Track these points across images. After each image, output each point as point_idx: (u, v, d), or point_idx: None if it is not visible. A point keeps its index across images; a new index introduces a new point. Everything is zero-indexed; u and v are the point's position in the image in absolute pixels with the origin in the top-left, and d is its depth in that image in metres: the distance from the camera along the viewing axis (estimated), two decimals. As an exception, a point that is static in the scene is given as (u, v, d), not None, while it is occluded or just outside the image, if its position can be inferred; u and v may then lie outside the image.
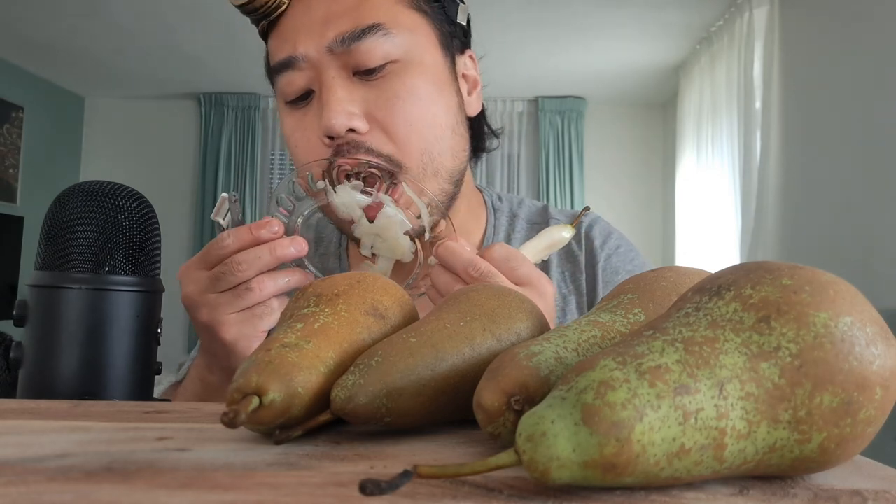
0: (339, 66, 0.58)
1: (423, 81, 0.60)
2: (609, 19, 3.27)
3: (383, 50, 0.58)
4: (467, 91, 0.68)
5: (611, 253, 0.72)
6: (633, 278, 0.34)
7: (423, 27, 0.62)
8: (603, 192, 4.62)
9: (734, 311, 0.22)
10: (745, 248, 2.79)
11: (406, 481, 0.19)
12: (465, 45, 0.68)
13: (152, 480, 0.22)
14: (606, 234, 0.74)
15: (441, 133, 0.61)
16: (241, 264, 0.49)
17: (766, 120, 2.70)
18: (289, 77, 0.60)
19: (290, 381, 0.27)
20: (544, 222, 0.75)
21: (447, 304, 0.33)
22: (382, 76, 0.59)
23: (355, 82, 0.59)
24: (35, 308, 0.40)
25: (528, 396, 0.25)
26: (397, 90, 0.59)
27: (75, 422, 0.30)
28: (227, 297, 0.50)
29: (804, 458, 0.22)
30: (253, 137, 4.73)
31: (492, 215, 0.75)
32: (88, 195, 0.42)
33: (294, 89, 0.61)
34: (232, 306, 0.50)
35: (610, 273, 0.71)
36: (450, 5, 0.65)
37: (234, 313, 0.50)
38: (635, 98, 4.55)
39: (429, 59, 0.61)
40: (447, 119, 0.62)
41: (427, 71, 0.61)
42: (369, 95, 0.59)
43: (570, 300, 0.71)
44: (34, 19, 3.48)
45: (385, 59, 0.58)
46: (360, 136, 0.58)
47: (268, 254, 0.49)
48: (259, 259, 0.49)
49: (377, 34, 0.58)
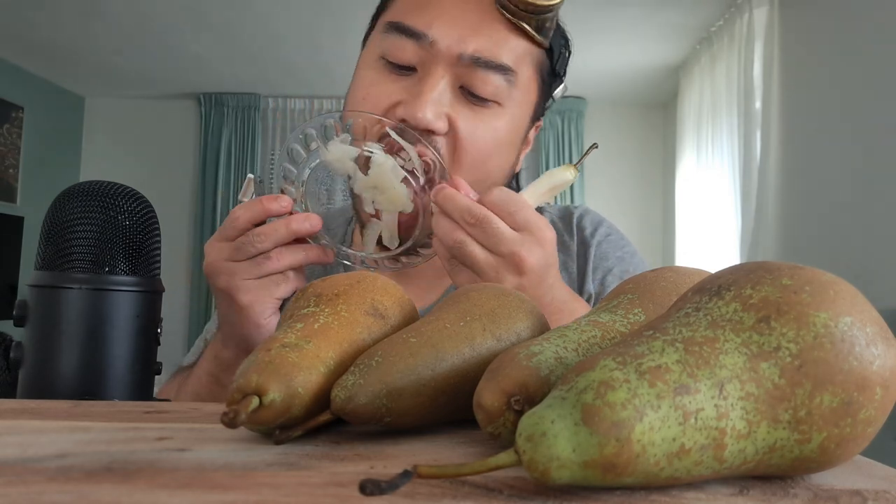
0: (455, 74, 0.60)
1: (506, 133, 0.63)
2: (609, 19, 3.27)
3: (499, 89, 0.61)
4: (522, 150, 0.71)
5: (601, 240, 0.74)
6: (633, 278, 0.34)
7: (532, 88, 0.65)
8: (603, 192, 4.62)
9: (734, 311, 0.22)
10: (745, 248, 2.79)
11: (406, 481, 0.19)
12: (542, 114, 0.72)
13: (152, 480, 0.22)
14: (597, 223, 0.76)
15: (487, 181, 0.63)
16: (260, 235, 0.53)
17: (766, 120, 2.70)
18: (404, 43, 0.60)
19: (290, 381, 0.27)
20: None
21: (447, 304, 0.33)
22: (482, 107, 0.61)
23: (458, 94, 0.61)
24: (35, 308, 0.40)
25: (528, 396, 0.25)
26: (484, 128, 0.61)
27: (75, 422, 0.30)
28: (245, 264, 0.54)
29: (804, 458, 0.22)
30: (253, 137, 4.73)
31: None
32: (88, 195, 0.42)
33: (402, 56, 0.61)
34: (249, 273, 0.54)
35: (600, 258, 0.72)
36: (557, 82, 0.69)
37: (251, 279, 0.54)
38: (635, 98, 4.55)
39: (520, 116, 0.65)
40: (502, 172, 0.66)
41: (514, 126, 0.64)
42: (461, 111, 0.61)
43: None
44: (34, 19, 3.48)
45: (493, 98, 0.61)
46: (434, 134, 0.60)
47: (284, 227, 0.53)
48: (276, 232, 0.53)
49: (504, 75, 0.60)
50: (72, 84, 4.62)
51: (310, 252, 0.55)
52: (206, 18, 3.42)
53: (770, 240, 2.64)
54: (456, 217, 0.50)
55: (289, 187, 0.57)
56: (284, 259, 0.54)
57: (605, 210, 2.61)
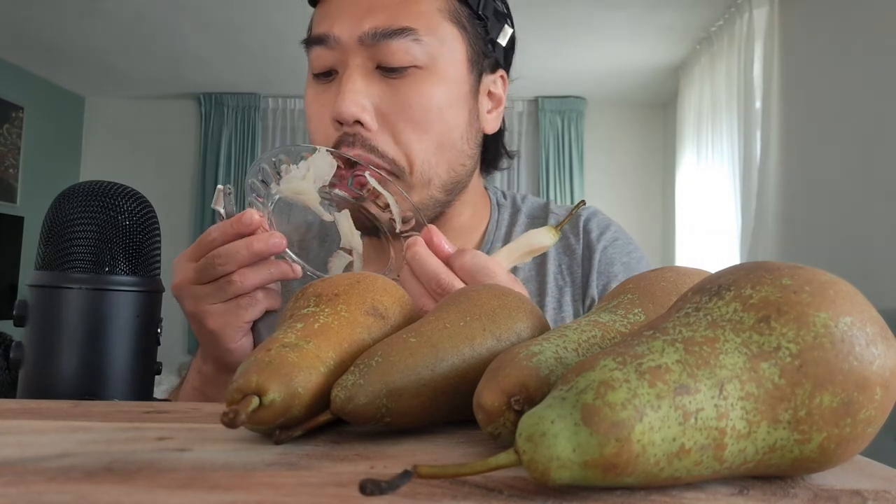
0: (365, 57, 0.60)
1: (440, 93, 0.62)
2: (609, 19, 3.27)
3: (410, 54, 0.60)
4: (488, 109, 0.69)
5: (607, 244, 0.72)
6: (633, 278, 0.34)
7: (455, 41, 0.63)
8: (603, 192, 4.62)
9: (734, 311, 0.22)
10: (745, 248, 2.78)
11: (406, 481, 0.19)
12: (499, 65, 0.70)
13: (152, 480, 0.22)
14: (605, 226, 0.74)
15: (443, 145, 0.63)
16: (221, 258, 0.50)
17: (766, 120, 2.70)
18: (319, 52, 0.62)
19: (290, 381, 0.27)
20: (545, 217, 0.76)
21: (447, 303, 0.33)
22: (403, 77, 0.61)
23: (376, 76, 0.61)
24: (35, 308, 0.40)
25: (528, 396, 0.25)
26: (412, 96, 0.60)
27: (75, 422, 0.30)
28: (210, 288, 0.52)
29: (804, 458, 0.22)
30: (253, 137, 4.73)
31: (495, 211, 0.76)
32: (88, 195, 0.42)
33: (321, 64, 0.63)
34: (215, 297, 0.52)
35: (605, 264, 0.71)
36: (493, 26, 0.67)
37: (217, 304, 0.52)
38: (635, 98, 4.55)
39: (452, 72, 0.63)
40: (453, 134, 0.64)
41: (447, 83, 0.62)
42: (386, 93, 0.60)
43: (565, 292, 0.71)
44: (34, 19, 3.48)
45: (409, 63, 0.60)
46: (367, 132, 0.60)
47: (245, 249, 0.50)
48: (238, 254, 0.50)
49: (408, 37, 0.60)
50: (72, 84, 4.62)
51: (275, 270, 0.53)
52: (206, 18, 3.42)
53: (770, 240, 2.64)
54: (423, 282, 0.48)
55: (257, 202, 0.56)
56: (249, 280, 0.51)
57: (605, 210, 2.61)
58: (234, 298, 0.52)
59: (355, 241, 0.57)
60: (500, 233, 0.74)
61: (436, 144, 0.62)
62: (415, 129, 0.61)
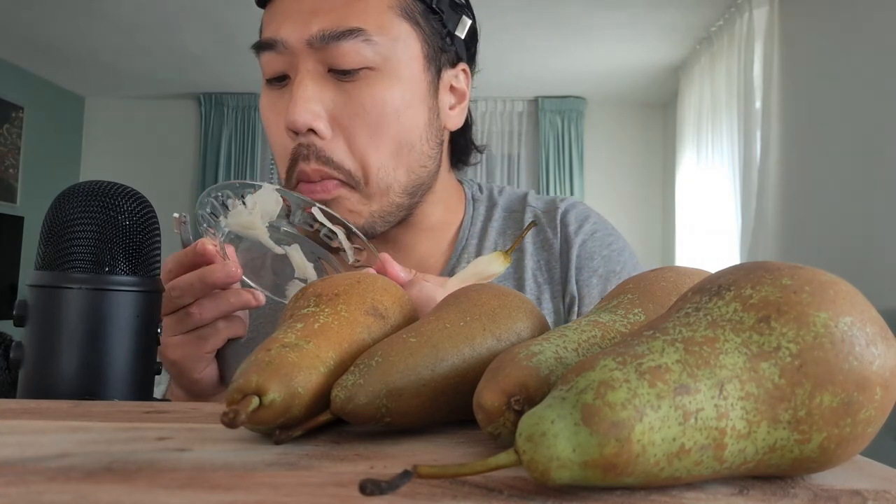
0: (315, 61, 0.58)
1: (395, 94, 0.60)
2: (609, 19, 3.27)
3: (360, 55, 0.58)
4: (450, 104, 0.67)
5: (586, 238, 0.69)
6: (633, 278, 0.34)
7: (409, 38, 0.61)
8: (603, 192, 4.62)
9: (734, 311, 0.22)
10: (745, 248, 2.79)
11: (406, 481, 0.19)
12: (459, 58, 0.67)
13: (152, 480, 0.22)
14: (583, 219, 0.71)
15: (400, 149, 0.61)
16: (177, 290, 0.49)
17: (766, 120, 2.70)
18: (268, 57, 0.60)
19: (290, 381, 0.27)
20: (522, 210, 0.73)
21: (447, 304, 0.33)
22: (355, 80, 0.59)
23: (328, 80, 0.59)
24: (35, 308, 0.40)
25: (528, 396, 0.25)
26: (366, 99, 0.59)
27: (75, 422, 0.30)
28: (169, 320, 0.51)
29: (804, 458, 0.22)
30: (253, 137, 4.73)
31: (470, 206, 0.73)
32: (88, 195, 0.42)
33: (272, 70, 0.61)
34: (173, 329, 0.51)
35: (584, 258, 0.68)
36: (450, 19, 0.64)
37: (177, 336, 0.51)
38: (635, 98, 4.55)
39: (407, 72, 0.61)
40: (411, 136, 0.61)
41: (402, 84, 0.60)
42: (339, 98, 0.59)
43: (544, 290, 0.68)
44: (34, 19, 3.48)
45: (361, 65, 0.58)
46: (321, 141, 0.58)
47: (198, 281, 0.49)
48: (192, 286, 0.49)
49: (357, 38, 0.57)
50: (72, 84, 4.62)
51: (235, 300, 0.51)
52: (206, 18, 3.42)
53: (770, 240, 2.64)
54: None
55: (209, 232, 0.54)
56: (207, 312, 0.50)
57: (604, 210, 2.61)
58: (194, 330, 0.51)
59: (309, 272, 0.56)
60: (475, 229, 0.72)
61: (393, 149, 0.60)
62: (370, 134, 0.59)
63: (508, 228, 0.72)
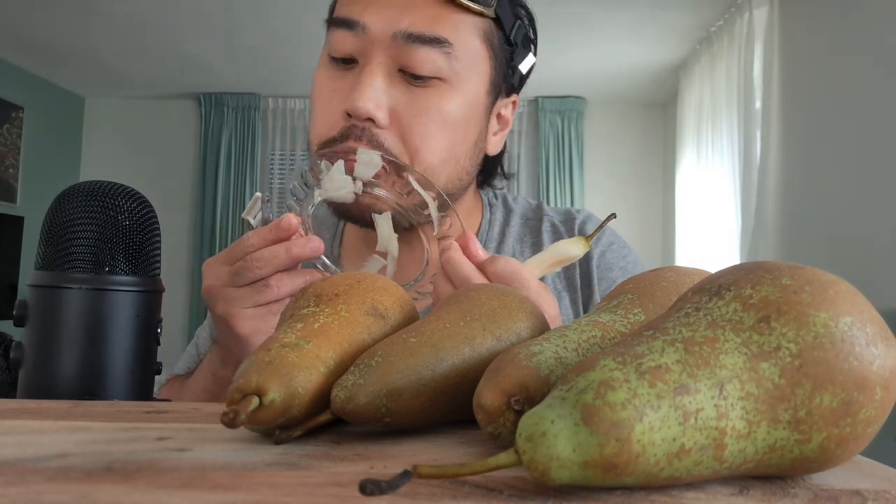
0: (392, 55, 0.59)
1: (457, 108, 0.61)
2: (609, 20, 3.27)
3: (437, 65, 0.59)
4: (494, 131, 0.69)
5: (605, 249, 0.73)
6: (633, 278, 0.34)
7: (483, 62, 0.63)
8: (603, 192, 4.62)
9: (734, 311, 0.22)
10: (745, 248, 2.79)
11: (406, 481, 0.19)
12: (513, 89, 0.69)
13: (152, 480, 0.22)
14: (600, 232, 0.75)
15: (448, 159, 0.63)
16: (259, 261, 0.49)
17: (766, 120, 2.70)
18: (342, 35, 0.60)
19: (290, 381, 0.27)
20: (538, 219, 0.76)
21: (447, 303, 0.33)
22: (424, 86, 0.60)
23: (397, 77, 0.60)
24: (35, 308, 0.40)
25: (528, 396, 0.25)
26: (430, 107, 0.60)
27: (75, 422, 0.30)
28: (244, 291, 0.51)
29: (804, 458, 0.22)
30: (253, 137, 4.73)
31: (487, 211, 0.76)
32: (88, 195, 0.42)
33: (342, 49, 0.61)
34: (248, 301, 0.51)
35: (604, 269, 0.71)
36: (519, 53, 0.67)
37: (250, 308, 0.51)
38: (635, 98, 4.55)
39: (472, 91, 0.63)
40: (459, 150, 0.64)
41: (465, 101, 0.62)
42: (403, 97, 0.60)
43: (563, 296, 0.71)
44: (34, 19, 3.48)
45: (434, 74, 0.59)
46: (376, 128, 0.59)
47: (284, 253, 0.49)
48: (276, 258, 0.49)
49: (441, 49, 0.59)
50: (72, 84, 4.62)
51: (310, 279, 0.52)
52: (206, 18, 3.42)
53: (770, 240, 2.64)
54: (456, 285, 0.49)
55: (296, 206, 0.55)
56: (284, 287, 0.50)
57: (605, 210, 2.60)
58: (267, 304, 0.51)
59: (392, 245, 0.57)
60: (493, 232, 0.74)
61: (443, 156, 0.62)
62: (426, 136, 0.60)
63: (525, 236, 0.75)
